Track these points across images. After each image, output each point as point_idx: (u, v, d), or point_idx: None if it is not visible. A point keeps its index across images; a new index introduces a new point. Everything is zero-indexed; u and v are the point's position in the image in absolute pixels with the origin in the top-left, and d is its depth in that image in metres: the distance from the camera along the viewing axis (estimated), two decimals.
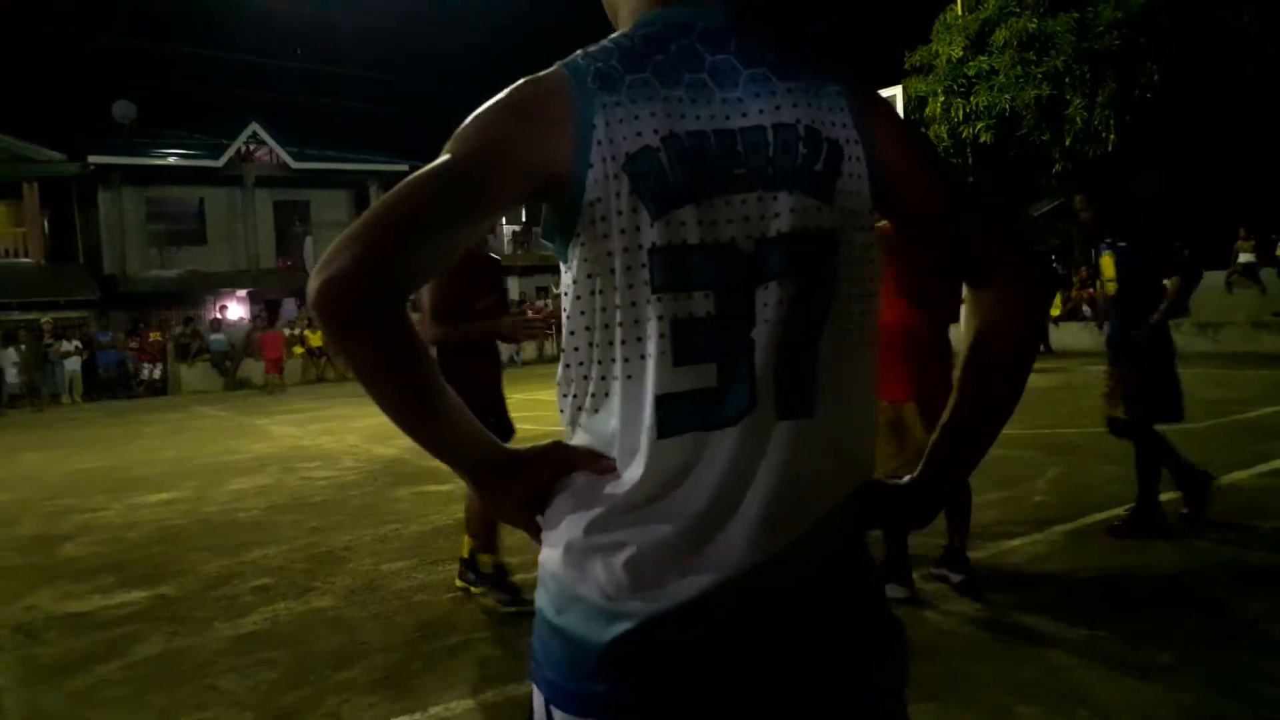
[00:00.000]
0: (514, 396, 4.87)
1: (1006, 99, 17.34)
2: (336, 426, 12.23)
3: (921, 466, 1.20)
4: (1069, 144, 17.03)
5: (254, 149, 28.26)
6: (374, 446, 9.88)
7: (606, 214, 1.01)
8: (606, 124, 1.01)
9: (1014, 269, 1.12)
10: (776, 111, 1.06)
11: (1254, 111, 17.03)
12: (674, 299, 1.02)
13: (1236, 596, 3.84)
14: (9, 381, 19.71)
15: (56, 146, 25.62)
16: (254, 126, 28.00)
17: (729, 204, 1.03)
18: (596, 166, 1.01)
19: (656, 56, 1.06)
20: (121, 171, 26.32)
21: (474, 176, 1.01)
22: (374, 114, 42.45)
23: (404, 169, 26.75)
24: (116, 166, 26.22)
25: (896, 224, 1.19)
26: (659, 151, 1.01)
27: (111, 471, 9.55)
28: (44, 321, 21.15)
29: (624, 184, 1.01)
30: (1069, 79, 16.85)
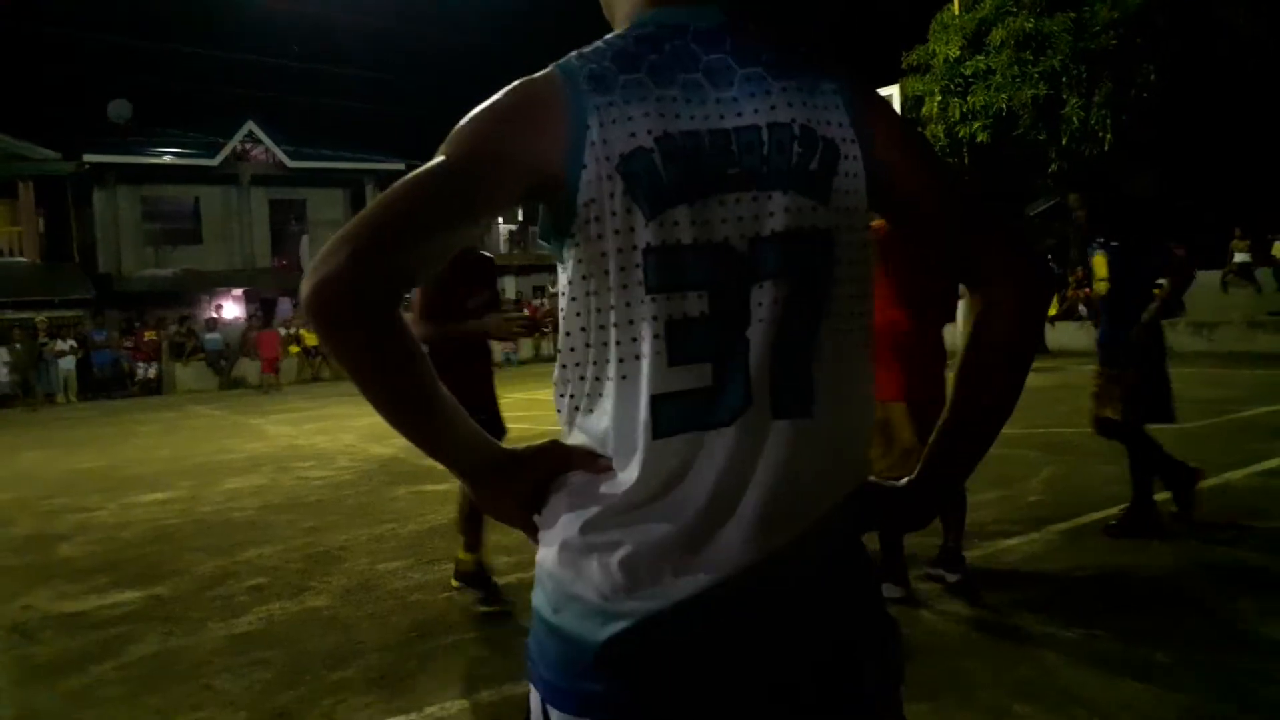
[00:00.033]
0: (510, 396, 4.86)
1: (1003, 98, 17.34)
2: (332, 426, 12.21)
3: (920, 467, 1.20)
4: (1065, 144, 17.03)
5: (250, 148, 28.21)
6: (370, 446, 9.87)
7: (601, 214, 1.01)
8: (600, 125, 1.01)
9: (1013, 269, 1.11)
10: (771, 111, 1.06)
11: (1250, 112, 17.06)
12: (668, 299, 1.02)
13: (1232, 596, 3.85)
14: (0, 381, 19.65)
15: (52, 145, 25.55)
16: (250, 125, 27.96)
17: (723, 204, 1.03)
18: (590, 167, 1.01)
19: (650, 57, 1.05)
20: (117, 170, 26.28)
21: (469, 177, 1.01)
22: (371, 113, 42.44)
23: (401, 168, 26.75)
24: (112, 165, 26.18)
25: (895, 223, 1.19)
26: (652, 152, 1.01)
27: (106, 471, 9.53)
28: (39, 320, 21.12)
29: (618, 184, 1.00)
30: (1066, 79, 16.84)
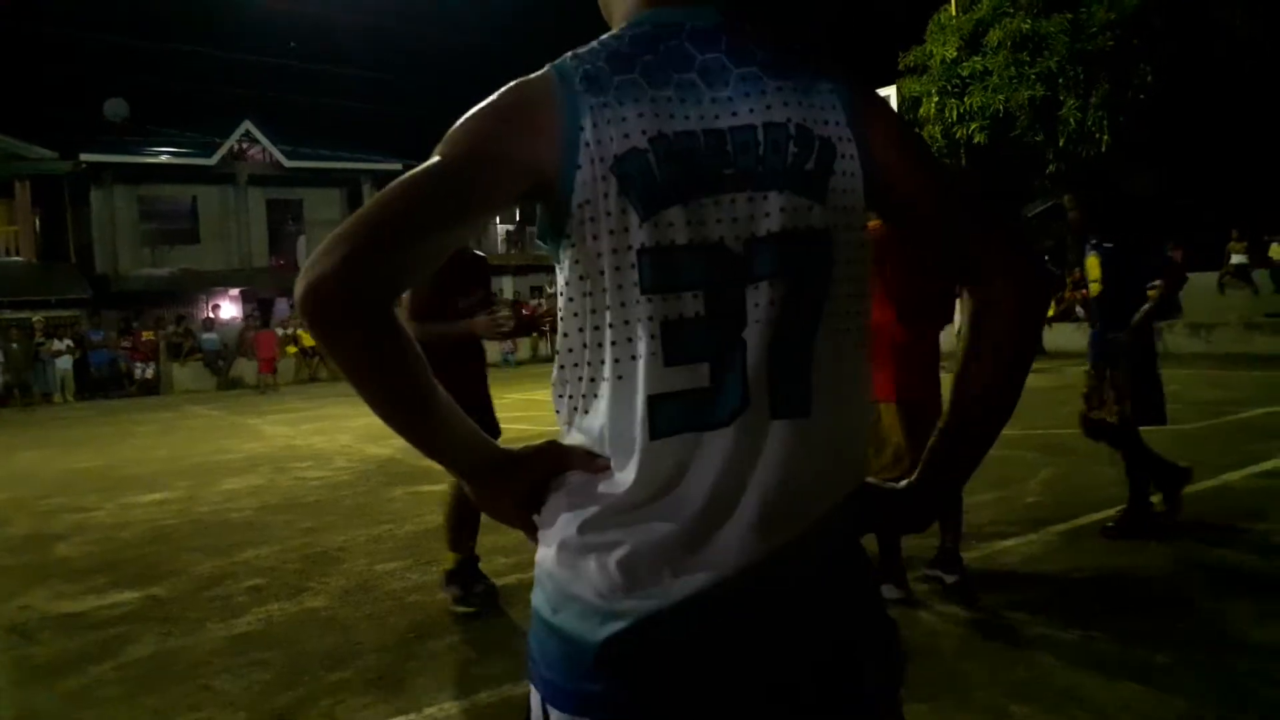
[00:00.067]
0: (508, 397, 4.85)
1: (1000, 99, 17.37)
2: (329, 426, 12.20)
3: (919, 469, 1.20)
4: (1063, 145, 17.07)
5: (247, 147, 28.19)
6: (367, 446, 9.86)
7: (595, 215, 1.01)
8: (594, 125, 1.01)
9: (1012, 267, 1.11)
10: (767, 110, 1.05)
11: (1247, 113, 17.08)
12: (663, 299, 1.02)
13: (1230, 597, 3.85)
14: None
15: (49, 144, 25.51)
16: (247, 125, 27.94)
17: (718, 204, 1.03)
18: (585, 168, 1.01)
19: (645, 57, 1.05)
20: (114, 170, 26.25)
21: (464, 178, 1.01)
22: (368, 113, 42.42)
23: (398, 168, 26.72)
24: (109, 165, 26.15)
25: (893, 223, 1.19)
26: (647, 152, 1.01)
27: (104, 471, 9.52)
28: (36, 320, 21.10)
29: (612, 185, 1.00)
30: (1063, 80, 16.88)
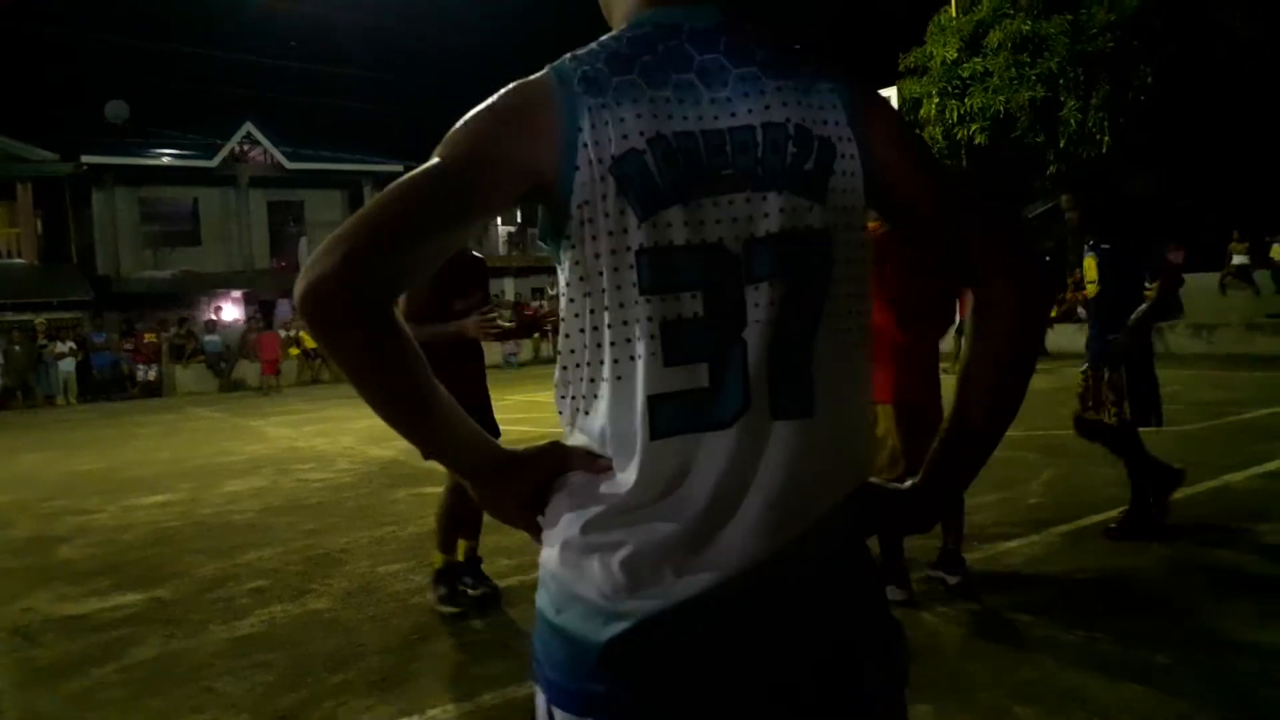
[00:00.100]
0: (511, 398, 4.85)
1: (1001, 101, 17.38)
2: (332, 428, 12.20)
3: (923, 470, 1.20)
4: (1063, 146, 17.07)
5: (248, 149, 28.22)
6: (370, 448, 9.86)
7: (594, 216, 1.01)
8: (592, 126, 1.01)
9: (1013, 268, 1.11)
10: (766, 111, 1.06)
11: (1248, 113, 17.08)
12: (662, 300, 1.02)
13: (1232, 598, 3.85)
14: None
15: (50, 146, 25.53)
16: (248, 127, 27.97)
17: (716, 204, 1.03)
18: (583, 169, 1.01)
19: (644, 58, 1.06)
20: (115, 172, 26.27)
21: (464, 179, 1.02)
22: (369, 114, 42.38)
23: (399, 169, 26.71)
24: (110, 167, 26.17)
25: (893, 224, 1.19)
26: (645, 153, 1.01)
27: (106, 473, 9.52)
28: (38, 322, 21.11)
29: (610, 186, 1.01)
30: (1063, 81, 16.88)
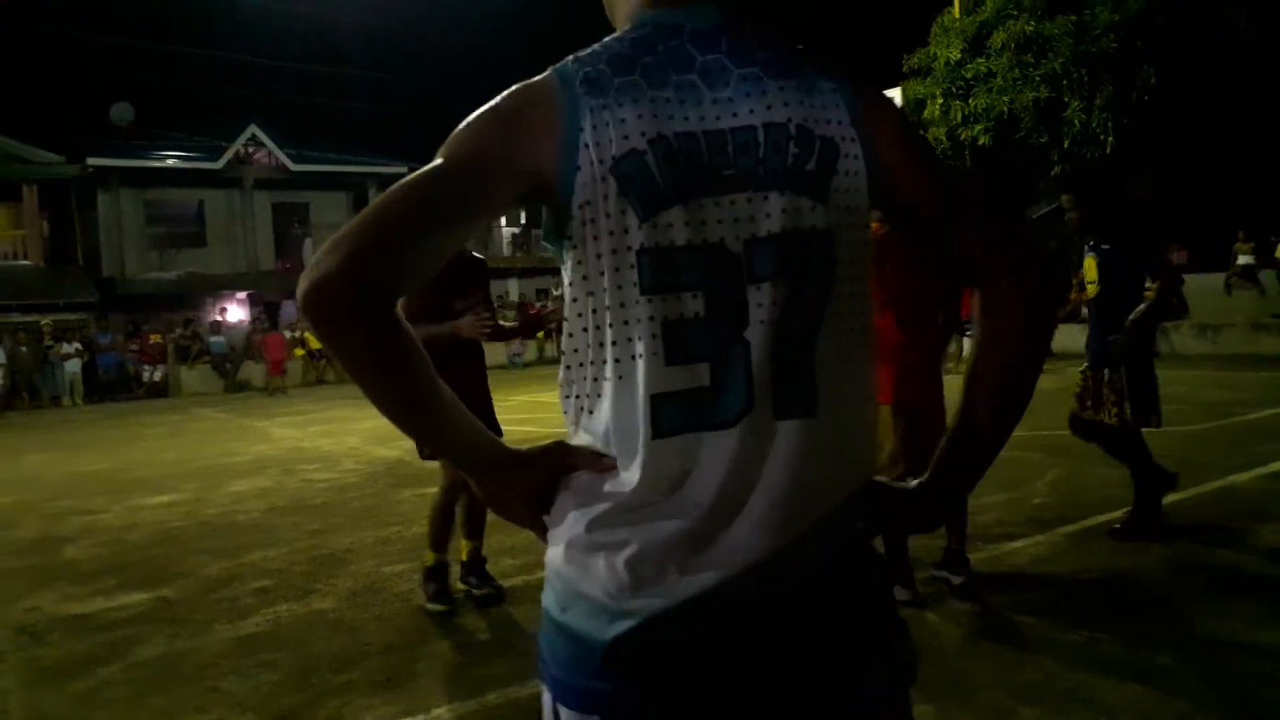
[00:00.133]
0: (514, 398, 4.85)
1: (1005, 101, 17.34)
2: (337, 428, 12.22)
3: (930, 471, 1.20)
4: (1067, 146, 17.03)
5: (253, 151, 28.26)
6: (375, 448, 9.88)
7: (595, 216, 1.02)
8: (594, 127, 1.02)
9: (1018, 268, 1.11)
10: (767, 111, 1.06)
11: (1253, 113, 17.03)
12: (663, 300, 1.02)
13: (1236, 599, 3.85)
14: None
15: (55, 148, 25.59)
16: (253, 128, 28.01)
17: (718, 205, 1.03)
18: (584, 170, 1.01)
19: (645, 58, 1.06)
20: (120, 174, 26.33)
21: (466, 180, 1.02)
22: (373, 116, 42.53)
23: (403, 171, 26.65)
24: (115, 169, 26.21)
25: (897, 224, 1.19)
26: (645, 153, 1.01)
27: (112, 473, 9.55)
28: (44, 324, 21.16)
29: (611, 186, 1.01)
30: (1067, 81, 16.84)
